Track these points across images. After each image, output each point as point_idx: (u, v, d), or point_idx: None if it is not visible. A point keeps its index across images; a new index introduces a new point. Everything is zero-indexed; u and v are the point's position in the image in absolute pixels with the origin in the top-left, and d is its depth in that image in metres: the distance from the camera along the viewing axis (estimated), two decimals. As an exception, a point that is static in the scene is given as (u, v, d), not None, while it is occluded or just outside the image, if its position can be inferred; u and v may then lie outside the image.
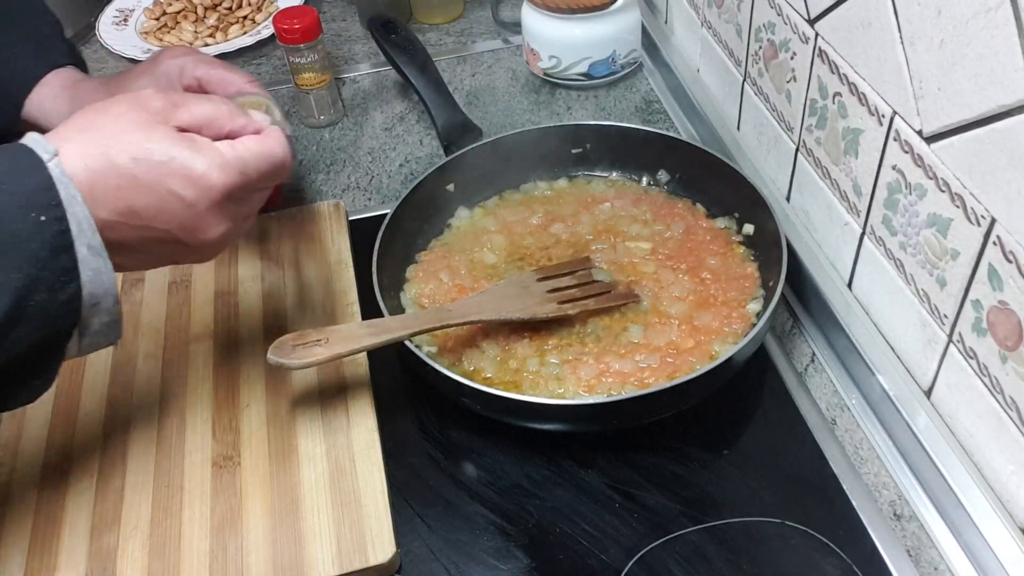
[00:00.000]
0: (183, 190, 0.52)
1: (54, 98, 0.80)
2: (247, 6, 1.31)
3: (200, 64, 0.79)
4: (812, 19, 0.75)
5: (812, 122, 0.79)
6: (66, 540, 0.68)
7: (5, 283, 0.46)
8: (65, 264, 0.48)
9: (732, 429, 0.75)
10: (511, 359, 0.76)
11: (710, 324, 0.78)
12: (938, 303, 0.65)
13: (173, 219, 0.53)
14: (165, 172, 0.51)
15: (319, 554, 0.66)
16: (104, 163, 0.50)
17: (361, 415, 0.75)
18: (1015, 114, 0.52)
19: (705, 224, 0.88)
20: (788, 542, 0.66)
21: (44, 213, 0.47)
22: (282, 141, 0.58)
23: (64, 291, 0.48)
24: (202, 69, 0.79)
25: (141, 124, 0.52)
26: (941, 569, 0.65)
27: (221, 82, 0.78)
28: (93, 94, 0.80)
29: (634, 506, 0.69)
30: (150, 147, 0.51)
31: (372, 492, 0.69)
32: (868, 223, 0.73)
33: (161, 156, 0.51)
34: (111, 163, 0.50)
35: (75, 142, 0.51)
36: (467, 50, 1.23)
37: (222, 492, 0.70)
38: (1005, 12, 0.51)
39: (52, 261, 0.47)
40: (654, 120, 1.08)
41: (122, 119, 0.52)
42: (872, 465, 0.71)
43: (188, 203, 0.52)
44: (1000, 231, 0.56)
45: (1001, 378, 0.60)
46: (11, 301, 0.46)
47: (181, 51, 0.82)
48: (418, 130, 1.09)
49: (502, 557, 0.67)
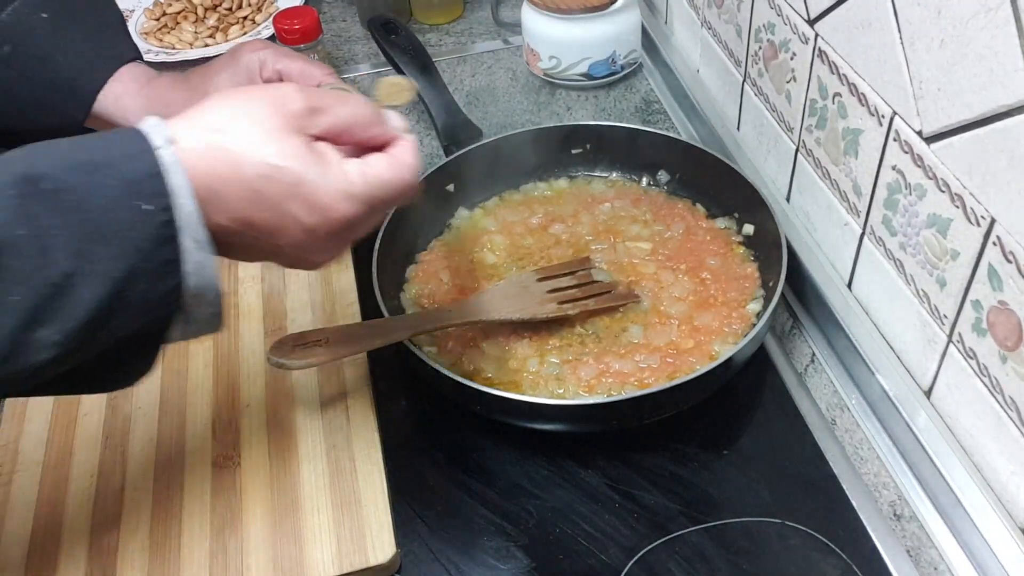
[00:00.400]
0: (305, 216, 0.50)
1: (130, 95, 0.77)
2: (247, 7, 1.31)
3: (280, 58, 0.78)
4: (812, 19, 0.75)
5: (812, 122, 0.79)
6: (66, 540, 0.68)
7: (105, 273, 0.44)
8: (168, 256, 0.46)
9: (732, 429, 0.75)
10: (511, 359, 0.76)
11: (710, 324, 0.78)
12: (938, 303, 0.65)
13: (288, 239, 0.51)
14: (290, 195, 0.50)
15: (319, 554, 0.66)
16: (231, 172, 0.48)
17: (361, 415, 0.75)
18: (1015, 114, 0.52)
19: (705, 224, 0.88)
20: (788, 542, 0.66)
21: (149, 202, 0.45)
22: (414, 162, 0.55)
23: (165, 282, 0.47)
24: (283, 63, 0.78)
25: (276, 133, 0.50)
26: (941, 569, 0.65)
27: (301, 75, 0.77)
28: (170, 92, 0.78)
29: (634, 506, 0.69)
30: (281, 166, 0.49)
31: (372, 492, 0.69)
32: (868, 223, 0.73)
33: (290, 178, 0.49)
34: (238, 174, 0.49)
35: (203, 139, 0.49)
36: (467, 50, 1.23)
37: (222, 492, 0.70)
38: (1005, 12, 0.51)
39: (155, 252, 0.46)
40: (654, 120, 1.08)
41: (257, 125, 0.50)
42: (872, 465, 0.71)
43: (307, 228, 0.51)
44: (1000, 231, 0.56)
45: (1001, 378, 0.60)
46: (111, 290, 0.44)
47: (260, 44, 0.81)
48: (418, 130, 1.09)
49: (502, 557, 0.67)
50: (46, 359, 0.44)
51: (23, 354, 0.43)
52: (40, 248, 0.43)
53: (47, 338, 0.43)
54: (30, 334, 0.43)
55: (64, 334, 0.44)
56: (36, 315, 0.43)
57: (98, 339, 0.46)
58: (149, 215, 0.45)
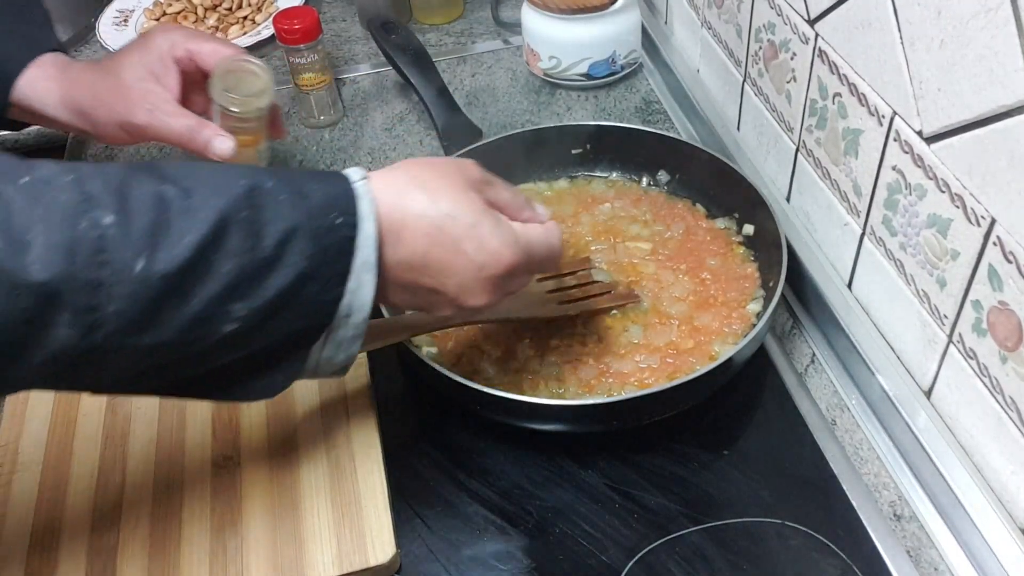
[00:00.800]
0: (476, 255, 0.57)
1: (46, 79, 0.81)
2: (247, 7, 1.31)
3: (191, 38, 0.82)
4: (812, 19, 0.75)
5: (812, 122, 0.79)
6: (66, 540, 0.68)
7: (294, 265, 0.50)
8: (341, 268, 0.53)
9: (732, 429, 0.75)
10: (511, 360, 0.76)
11: (710, 324, 0.78)
12: (938, 303, 0.65)
13: (456, 278, 0.57)
14: (467, 234, 0.56)
15: (319, 554, 0.66)
16: (421, 210, 0.56)
17: (361, 415, 0.75)
18: (1015, 114, 0.53)
19: (705, 224, 0.88)
20: (788, 542, 0.66)
21: (341, 216, 0.53)
22: (558, 235, 0.63)
23: (331, 292, 0.53)
24: (193, 43, 0.81)
25: (461, 187, 0.58)
26: (941, 569, 0.65)
27: (213, 53, 0.81)
28: (83, 74, 0.82)
29: (634, 506, 0.69)
30: (464, 209, 0.57)
31: (372, 492, 0.69)
32: (868, 223, 0.73)
33: (469, 220, 0.57)
34: (427, 213, 0.56)
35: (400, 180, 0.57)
36: (467, 50, 1.23)
37: (222, 492, 0.70)
38: (1005, 12, 0.51)
39: (334, 261, 0.52)
40: (654, 120, 1.08)
41: (447, 178, 0.58)
42: (872, 465, 0.71)
43: (476, 267, 0.57)
44: (1000, 231, 0.56)
45: (1001, 378, 0.60)
46: (290, 282, 0.51)
47: (172, 27, 0.84)
48: (418, 130, 1.09)
49: (502, 557, 0.67)
50: (228, 332, 0.50)
51: (215, 321, 0.49)
52: (255, 231, 0.49)
53: (235, 312, 0.49)
54: (226, 304, 0.49)
55: (249, 310, 0.50)
56: (235, 288, 0.49)
57: (267, 328, 0.52)
58: (338, 228, 0.52)
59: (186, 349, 0.50)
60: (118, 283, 0.45)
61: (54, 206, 0.45)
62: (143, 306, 0.46)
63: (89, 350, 0.46)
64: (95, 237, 0.45)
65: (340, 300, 0.54)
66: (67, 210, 0.45)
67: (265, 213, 0.50)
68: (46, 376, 0.47)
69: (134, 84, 0.80)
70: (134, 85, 0.80)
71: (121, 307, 0.46)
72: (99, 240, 0.45)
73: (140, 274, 0.46)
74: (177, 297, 0.47)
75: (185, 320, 0.48)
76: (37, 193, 0.45)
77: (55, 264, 0.44)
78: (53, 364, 0.46)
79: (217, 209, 0.48)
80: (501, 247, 0.57)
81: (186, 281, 0.47)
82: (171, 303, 0.47)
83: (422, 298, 0.59)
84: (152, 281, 0.46)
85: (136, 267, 0.46)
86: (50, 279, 0.44)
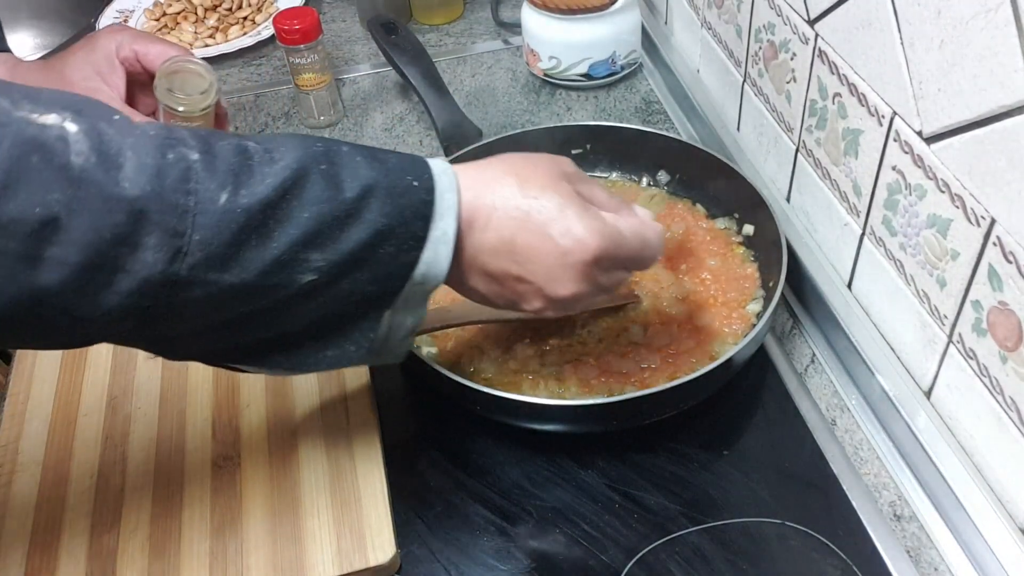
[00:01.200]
0: (562, 239, 0.56)
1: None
2: (247, 7, 1.31)
3: (137, 39, 0.83)
4: (812, 20, 0.75)
5: (812, 123, 0.79)
6: (66, 540, 0.68)
7: (372, 221, 0.51)
8: (418, 231, 0.53)
9: (732, 429, 0.75)
10: (511, 360, 0.76)
11: (710, 324, 0.78)
12: (938, 303, 0.65)
13: (542, 263, 0.56)
14: (554, 219, 0.56)
15: (319, 554, 0.66)
16: (511, 194, 0.56)
17: (361, 415, 0.75)
18: (1015, 115, 0.53)
19: (705, 224, 0.88)
20: (788, 542, 0.66)
21: (417, 180, 0.53)
22: (656, 231, 0.62)
23: (407, 255, 0.53)
24: (139, 44, 0.83)
25: (554, 176, 0.58)
26: (941, 570, 0.65)
27: (159, 54, 0.82)
28: (31, 74, 0.84)
29: (634, 506, 0.69)
30: (553, 193, 0.56)
31: (372, 492, 0.69)
32: (868, 223, 0.73)
33: (557, 203, 0.56)
34: (516, 198, 0.56)
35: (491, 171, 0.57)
36: (467, 51, 1.23)
37: (222, 492, 0.70)
38: (1005, 13, 0.51)
39: (410, 223, 0.52)
40: (654, 121, 1.08)
41: (539, 168, 0.58)
42: (872, 465, 0.71)
43: (562, 252, 0.56)
44: (1000, 232, 0.56)
45: (1001, 378, 0.60)
46: (367, 237, 0.51)
47: (118, 28, 0.86)
48: (418, 131, 1.09)
49: (502, 557, 0.67)
50: (306, 282, 0.50)
51: (295, 267, 0.50)
52: (335, 183, 0.50)
53: (314, 261, 0.50)
54: (304, 252, 0.49)
55: (327, 262, 0.50)
56: (314, 236, 0.50)
57: (343, 285, 0.52)
58: (414, 191, 0.53)
59: (265, 296, 0.50)
60: (202, 212, 0.46)
61: (144, 137, 0.47)
62: (226, 238, 0.47)
63: (174, 282, 0.46)
64: (182, 168, 0.47)
65: (415, 266, 0.53)
66: (156, 141, 0.47)
67: (343, 169, 0.51)
68: (130, 314, 0.47)
69: (79, 83, 0.82)
70: (79, 83, 0.82)
71: (205, 236, 0.47)
72: (186, 171, 0.47)
73: (224, 205, 0.47)
74: (258, 235, 0.48)
75: (266, 262, 0.49)
76: (128, 127, 0.47)
77: (145, 183, 0.45)
78: (139, 297, 0.46)
79: (297, 159, 0.50)
80: (587, 233, 0.56)
81: (268, 219, 0.48)
82: (253, 240, 0.48)
83: (510, 288, 0.58)
84: (235, 214, 0.47)
85: (220, 199, 0.47)
86: (140, 195, 0.45)
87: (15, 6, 1.34)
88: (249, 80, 1.20)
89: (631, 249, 0.59)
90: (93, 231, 0.44)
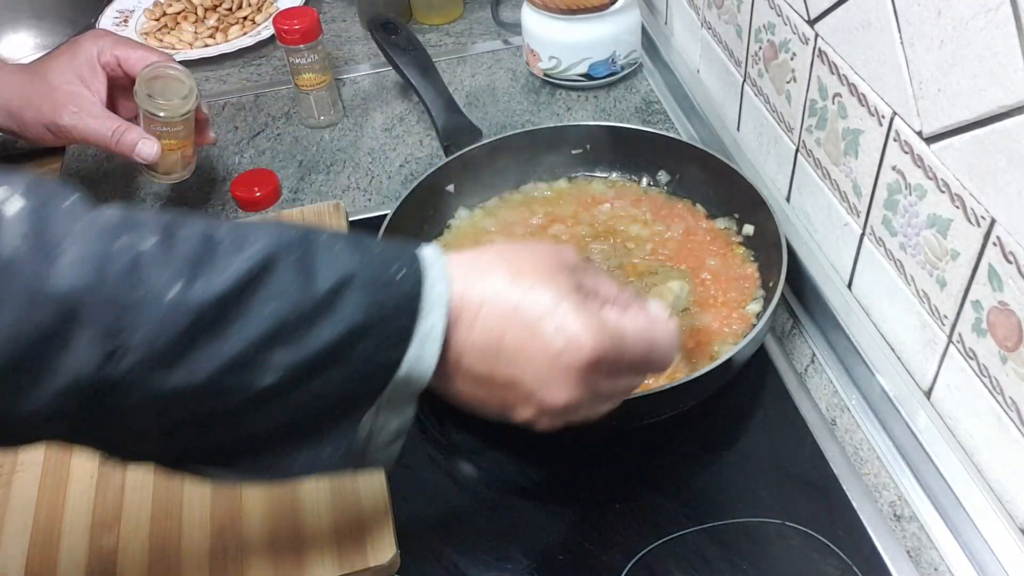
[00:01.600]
0: (555, 338, 0.49)
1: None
2: (247, 7, 1.31)
3: (118, 44, 0.84)
4: (812, 20, 0.75)
5: (812, 123, 0.79)
6: (66, 540, 0.68)
7: (346, 316, 0.46)
8: (402, 327, 0.48)
9: (732, 429, 0.75)
10: (511, 359, 0.76)
11: (710, 325, 0.78)
12: (938, 304, 0.65)
13: (531, 365, 0.50)
14: (546, 314, 0.49)
15: (319, 555, 0.66)
16: (504, 286, 0.50)
17: (361, 415, 0.75)
18: (1015, 115, 0.53)
19: (705, 225, 0.88)
20: (788, 542, 0.66)
21: (404, 269, 0.48)
22: (668, 332, 0.54)
23: (389, 353, 0.48)
24: (120, 49, 0.83)
25: (551, 267, 0.52)
26: (941, 570, 0.65)
27: (140, 59, 0.83)
28: (15, 76, 0.84)
29: (634, 506, 0.69)
30: (548, 286, 0.50)
31: (372, 492, 0.69)
32: (868, 224, 0.73)
33: (551, 297, 0.50)
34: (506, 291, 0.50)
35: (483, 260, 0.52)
36: (467, 51, 1.23)
37: (222, 492, 0.70)
38: (1005, 13, 0.51)
39: (393, 318, 0.47)
40: (654, 121, 1.08)
41: (535, 258, 0.52)
42: (872, 465, 0.71)
43: (552, 353, 0.49)
44: (1000, 232, 0.56)
45: (1001, 379, 0.60)
46: (341, 334, 0.46)
47: (101, 33, 0.87)
48: (418, 131, 1.09)
49: (502, 557, 0.67)
50: (266, 385, 0.45)
51: (253, 368, 0.44)
52: (306, 273, 0.45)
53: (278, 361, 0.45)
54: (266, 351, 0.44)
55: (292, 362, 0.45)
56: (277, 333, 0.44)
57: (311, 386, 0.46)
58: (399, 283, 0.48)
59: (218, 401, 0.45)
60: (148, 307, 0.42)
61: (93, 223, 0.43)
62: (173, 337, 0.42)
63: (110, 383, 0.42)
64: (130, 257, 0.42)
65: (398, 365, 0.48)
66: (107, 227, 0.43)
67: (319, 257, 0.46)
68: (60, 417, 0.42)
69: (61, 86, 0.82)
70: (61, 87, 0.82)
71: (149, 335, 0.42)
72: (134, 260, 0.42)
73: (174, 299, 0.42)
74: (212, 333, 0.43)
75: (219, 362, 0.43)
76: (78, 212, 0.43)
77: (81, 275, 0.41)
78: (67, 399, 0.41)
79: (266, 247, 0.45)
80: (583, 331, 0.49)
81: (224, 316, 0.43)
82: (204, 338, 0.43)
83: (497, 395, 0.52)
84: (186, 309, 0.42)
85: (170, 292, 0.42)
86: (73, 290, 0.41)
87: (15, 6, 1.34)
88: (249, 80, 1.20)
89: (636, 352, 0.52)
90: (15, 327, 0.40)
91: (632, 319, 0.52)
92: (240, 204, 0.99)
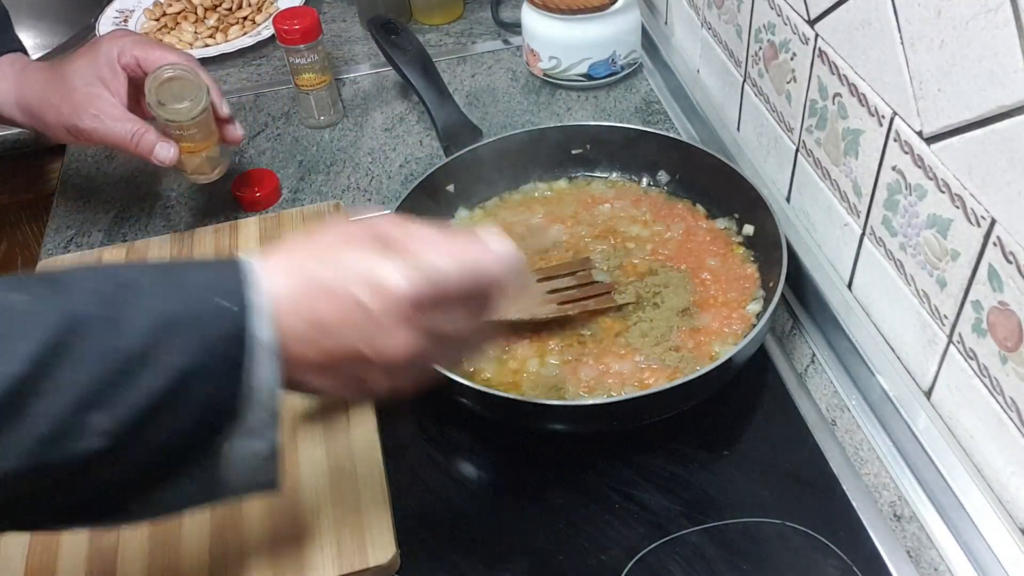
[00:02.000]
0: (366, 297, 0.48)
1: (3, 79, 0.84)
2: (247, 7, 1.31)
3: (138, 45, 0.84)
4: (812, 20, 0.75)
5: (812, 123, 0.79)
6: (66, 540, 0.68)
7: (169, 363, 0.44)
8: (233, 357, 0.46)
9: (732, 429, 0.75)
10: (511, 360, 0.76)
11: (710, 325, 0.78)
12: (938, 304, 0.65)
13: (355, 330, 0.49)
14: (352, 279, 0.48)
15: (319, 554, 0.66)
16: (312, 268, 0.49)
17: (361, 415, 0.75)
18: (1015, 115, 0.53)
19: (705, 225, 0.88)
20: (788, 543, 0.66)
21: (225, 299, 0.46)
22: (502, 257, 0.53)
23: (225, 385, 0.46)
24: (140, 49, 0.83)
25: (355, 236, 0.51)
26: (941, 570, 0.65)
27: (159, 60, 0.83)
28: (36, 74, 0.84)
29: (634, 506, 0.69)
30: (346, 256, 0.49)
31: (372, 492, 0.69)
32: (868, 224, 0.73)
33: (352, 264, 0.49)
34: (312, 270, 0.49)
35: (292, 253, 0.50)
36: (467, 51, 1.23)
37: (222, 492, 0.70)
38: (1005, 13, 0.51)
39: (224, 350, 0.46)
40: (654, 121, 1.08)
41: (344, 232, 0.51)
42: (872, 466, 0.71)
43: (370, 312, 0.48)
44: (1000, 232, 0.56)
45: (1001, 379, 0.60)
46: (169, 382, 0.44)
47: (121, 33, 0.86)
48: (418, 131, 1.09)
49: (502, 557, 0.67)
50: (94, 448, 0.43)
51: (70, 438, 0.42)
52: (115, 329, 0.43)
53: (97, 424, 0.42)
54: (83, 416, 0.42)
55: (116, 422, 0.43)
56: (93, 398, 0.42)
57: (147, 437, 0.45)
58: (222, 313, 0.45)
59: (43, 477, 0.43)
60: None
61: None
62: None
63: None
64: None
65: (238, 393, 0.46)
66: None
67: (130, 307, 0.44)
68: None
69: (81, 88, 0.82)
70: (81, 89, 0.82)
71: None
72: None
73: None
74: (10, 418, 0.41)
75: (29, 443, 0.41)
76: None
77: None
78: None
79: (63, 310, 0.42)
80: (386, 276, 0.48)
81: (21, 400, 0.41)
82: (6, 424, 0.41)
83: (345, 374, 0.51)
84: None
85: None
86: None
87: (15, 6, 1.33)
88: (249, 80, 1.20)
89: (460, 281, 0.50)
90: None
91: (448, 252, 0.51)
92: (241, 204, 0.99)
